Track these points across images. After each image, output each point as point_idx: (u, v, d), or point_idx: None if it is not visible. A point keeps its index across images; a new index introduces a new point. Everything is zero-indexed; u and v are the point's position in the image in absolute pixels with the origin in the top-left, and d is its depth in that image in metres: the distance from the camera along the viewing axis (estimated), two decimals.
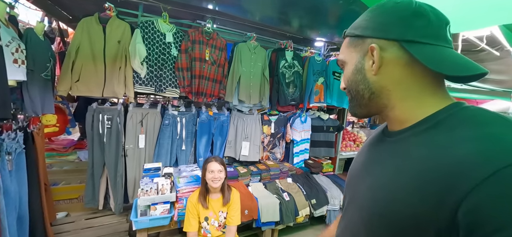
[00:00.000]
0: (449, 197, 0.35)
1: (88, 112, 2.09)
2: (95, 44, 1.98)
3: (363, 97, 0.51)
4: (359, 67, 0.51)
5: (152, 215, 1.76)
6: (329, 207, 2.65)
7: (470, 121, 0.40)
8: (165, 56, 2.21)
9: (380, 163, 0.51)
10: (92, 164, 2.16)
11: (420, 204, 0.38)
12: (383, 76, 0.48)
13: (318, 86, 3.01)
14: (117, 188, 2.19)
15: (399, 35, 0.45)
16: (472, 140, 0.37)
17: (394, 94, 0.48)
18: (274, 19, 2.43)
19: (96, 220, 2.24)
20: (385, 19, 0.47)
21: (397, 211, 0.42)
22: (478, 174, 0.33)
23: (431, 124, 0.44)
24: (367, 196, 0.50)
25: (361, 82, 0.51)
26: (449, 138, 0.40)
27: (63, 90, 1.95)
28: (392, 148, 0.50)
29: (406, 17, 0.45)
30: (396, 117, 0.49)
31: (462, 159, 0.35)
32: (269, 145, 2.93)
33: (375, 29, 0.48)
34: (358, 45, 0.51)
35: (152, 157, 2.33)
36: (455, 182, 0.35)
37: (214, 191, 1.70)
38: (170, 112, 2.34)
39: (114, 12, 2.02)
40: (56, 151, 2.84)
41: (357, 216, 0.52)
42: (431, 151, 0.40)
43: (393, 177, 0.45)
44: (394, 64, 0.46)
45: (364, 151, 0.61)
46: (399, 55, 0.46)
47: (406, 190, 0.41)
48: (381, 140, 0.55)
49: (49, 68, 1.87)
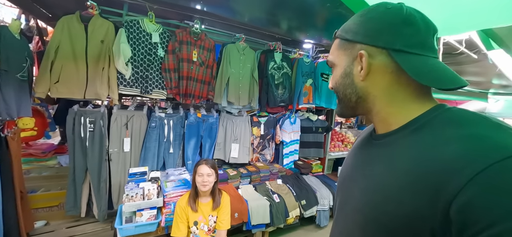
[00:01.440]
0: (440, 195, 0.35)
1: (69, 115, 1.98)
2: (76, 44, 1.89)
3: (350, 100, 0.53)
4: (347, 71, 0.51)
5: (138, 221, 1.70)
6: (319, 207, 2.68)
7: (455, 121, 0.41)
8: (151, 57, 2.15)
9: (371, 166, 0.51)
10: (73, 169, 2.05)
11: (412, 203, 0.39)
12: (370, 82, 0.49)
13: (307, 87, 3.04)
14: (101, 194, 2.09)
15: (388, 43, 0.46)
16: (458, 140, 0.38)
17: (380, 99, 0.49)
18: (262, 20, 2.43)
19: (78, 228, 2.13)
20: (375, 25, 0.47)
21: (392, 212, 0.42)
22: (467, 172, 0.34)
23: (416, 126, 0.45)
24: (362, 199, 0.50)
25: (349, 86, 0.52)
26: (435, 139, 0.40)
27: (41, 92, 1.84)
28: (381, 150, 0.50)
29: (396, 25, 0.45)
30: (382, 120, 0.51)
31: (450, 158, 0.36)
32: (259, 147, 2.92)
33: (365, 35, 0.48)
34: (348, 49, 0.51)
35: (138, 161, 2.25)
36: (445, 181, 0.35)
37: (204, 194, 1.67)
38: (157, 114, 2.28)
39: (97, 11, 1.94)
40: (34, 156, 2.67)
41: (351, 220, 0.52)
42: (419, 152, 0.41)
43: (384, 178, 0.45)
44: (382, 72, 0.47)
45: (353, 154, 0.61)
46: (387, 63, 0.46)
47: (398, 190, 0.42)
48: (369, 142, 0.56)
49: (26, 68, 1.76)
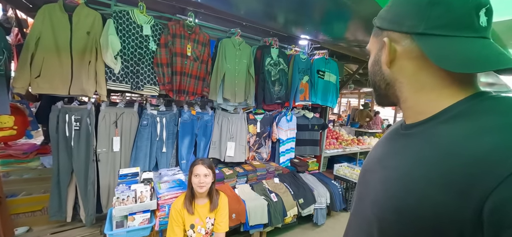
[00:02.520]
0: (474, 192, 0.32)
1: (52, 112, 1.84)
2: (59, 35, 1.75)
3: (380, 87, 0.52)
4: (377, 59, 0.51)
5: (130, 226, 1.59)
6: (316, 205, 2.64)
7: (495, 109, 0.37)
8: (143, 50, 2.03)
9: (395, 156, 0.47)
10: (57, 171, 1.91)
11: (439, 198, 0.35)
12: (396, 68, 0.47)
13: (303, 84, 2.99)
14: (88, 197, 1.96)
15: (411, 28, 0.43)
16: (497, 130, 0.34)
17: (407, 86, 0.46)
18: (259, 13, 2.35)
19: (64, 234, 2.00)
20: (402, 9, 0.45)
21: (417, 206, 0.38)
22: (505, 168, 0.30)
23: (450, 115, 0.41)
24: (382, 191, 0.45)
25: (378, 74, 0.51)
26: (471, 129, 0.36)
27: (20, 87, 1.69)
28: (409, 140, 0.46)
29: (422, 7, 0.41)
30: (411, 109, 0.47)
31: (487, 150, 0.33)
32: (255, 145, 2.85)
33: (391, 21, 0.47)
34: (378, 36, 0.50)
35: (129, 161, 2.13)
36: (479, 175, 0.32)
37: (200, 196, 1.58)
38: (149, 111, 2.16)
39: (82, 0, 1.80)
40: (14, 157, 2.49)
41: (369, 211, 0.48)
42: (451, 142, 0.37)
43: (410, 169, 0.41)
44: (407, 57, 0.45)
45: (378, 146, 0.57)
46: (411, 48, 0.44)
47: (426, 181, 0.38)
48: (397, 133, 0.52)
49: (2, 61, 1.60)
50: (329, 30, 2.58)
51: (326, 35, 2.79)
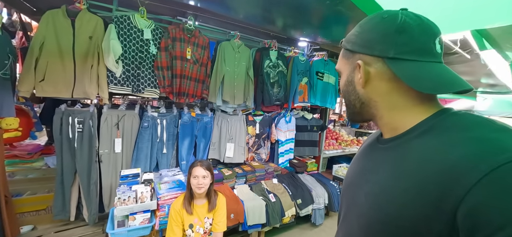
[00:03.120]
0: (447, 200, 0.35)
1: (56, 114, 1.89)
2: (62, 40, 1.80)
3: (355, 106, 0.54)
4: (350, 79, 0.54)
5: (131, 225, 1.64)
6: (315, 206, 2.67)
7: (460, 125, 0.41)
8: (143, 54, 2.08)
9: (377, 170, 0.51)
10: (61, 171, 1.97)
11: (417, 206, 0.39)
12: (370, 89, 0.50)
13: (302, 86, 3.02)
14: (91, 197, 2.02)
15: (382, 52, 0.47)
16: (464, 143, 0.38)
17: (382, 105, 0.50)
18: (258, 17, 2.38)
19: (67, 233, 2.05)
20: (371, 35, 0.49)
21: (397, 216, 0.41)
22: (473, 176, 0.33)
23: (421, 130, 0.45)
24: (365, 204, 0.49)
25: (352, 93, 0.54)
26: (441, 142, 0.40)
27: (25, 91, 1.75)
28: (387, 154, 0.50)
29: (390, 34, 0.46)
30: (387, 125, 0.51)
31: (456, 160, 0.36)
32: (254, 146, 2.89)
33: (362, 45, 0.50)
34: (349, 58, 0.54)
35: (130, 162, 2.18)
36: (451, 183, 0.35)
37: (199, 196, 1.62)
38: (150, 113, 2.21)
39: (85, 5, 1.85)
40: (20, 157, 2.55)
41: (356, 225, 0.52)
42: (424, 155, 0.41)
43: (392, 182, 0.45)
44: (380, 79, 0.48)
45: (358, 159, 0.61)
46: (384, 70, 0.47)
47: (406, 193, 0.41)
48: (375, 147, 0.56)
49: (8, 65, 1.66)
50: (328, 33, 2.61)
51: (325, 38, 2.81)
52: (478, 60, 2.30)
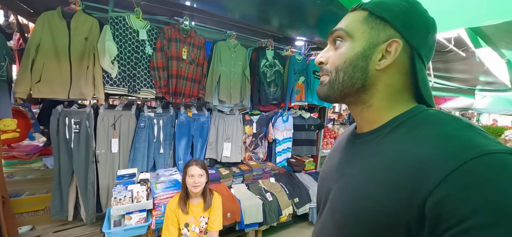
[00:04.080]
0: (417, 193, 0.36)
1: (53, 115, 1.90)
2: (58, 41, 1.81)
3: (353, 86, 0.47)
4: (366, 54, 0.45)
5: (127, 225, 1.65)
6: (312, 204, 2.68)
7: (430, 121, 0.42)
8: (139, 55, 2.08)
9: (351, 164, 0.51)
10: (58, 172, 1.98)
11: (390, 200, 0.39)
12: (383, 75, 0.46)
13: (299, 85, 3.03)
14: (88, 197, 2.03)
15: (418, 45, 0.44)
16: (433, 139, 0.39)
17: (379, 94, 0.47)
18: (254, 17, 2.39)
19: (66, 232, 2.06)
20: (417, 21, 0.44)
21: (370, 210, 0.42)
22: (442, 170, 0.34)
23: (395, 125, 0.45)
24: (340, 198, 0.50)
25: (360, 70, 0.45)
26: (412, 137, 0.41)
27: (21, 92, 1.76)
28: (362, 149, 0.50)
29: (427, 30, 0.44)
30: (368, 117, 0.50)
31: (426, 156, 0.37)
32: (251, 145, 2.90)
33: (404, 24, 0.43)
34: (376, 29, 0.45)
35: (127, 162, 2.19)
36: (421, 179, 0.36)
37: (194, 195, 1.63)
38: (146, 114, 2.22)
39: (80, 6, 1.86)
40: (18, 158, 2.57)
41: (330, 219, 0.52)
42: (396, 150, 0.42)
43: (365, 177, 0.45)
44: (397, 69, 0.45)
45: (334, 154, 0.61)
46: (406, 63, 0.45)
47: (376, 186, 0.42)
48: (351, 141, 0.56)
49: (4, 67, 1.67)
50: (324, 32, 2.61)
51: (321, 37, 2.81)
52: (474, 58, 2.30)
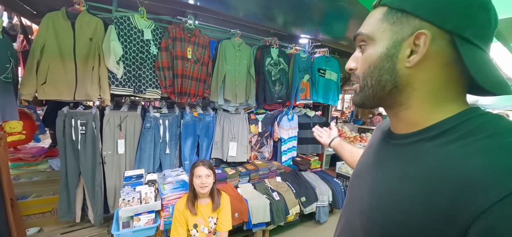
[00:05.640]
0: (460, 213, 0.31)
1: (59, 117, 1.89)
2: (63, 42, 1.79)
3: (383, 89, 0.42)
4: (391, 53, 0.40)
5: (136, 226, 1.64)
6: (318, 203, 2.67)
7: (485, 129, 0.35)
8: (144, 55, 2.07)
9: (383, 167, 0.46)
10: (65, 173, 1.98)
11: (427, 218, 0.35)
12: (417, 71, 0.39)
13: (304, 83, 3.00)
14: (96, 198, 2.02)
15: (458, 28, 0.36)
16: (487, 151, 0.33)
17: (418, 93, 0.41)
18: (258, 15, 2.36)
19: (74, 234, 2.06)
20: (446, 1, 0.37)
21: (401, 222, 0.38)
22: (496, 192, 0.29)
23: (441, 130, 0.39)
24: (369, 202, 0.46)
25: (387, 72, 0.41)
26: (462, 148, 0.35)
27: (27, 94, 1.75)
28: (397, 152, 0.45)
29: (473, 6, 0.36)
30: (408, 119, 0.43)
31: (477, 172, 0.31)
32: (257, 145, 2.88)
33: (432, 10, 0.37)
34: (398, 23, 0.40)
35: (134, 163, 2.18)
36: (468, 198, 0.31)
37: (202, 196, 1.62)
38: (152, 114, 2.20)
39: (84, 7, 1.84)
40: (24, 160, 2.57)
41: (357, 220, 0.49)
42: (441, 161, 0.36)
43: (398, 184, 0.41)
44: (436, 61, 0.38)
45: (368, 151, 0.57)
46: (446, 52, 0.37)
47: (413, 200, 0.37)
48: (385, 141, 0.50)
49: (9, 69, 1.66)
50: (329, 30, 2.58)
51: (326, 34, 2.78)
52: None
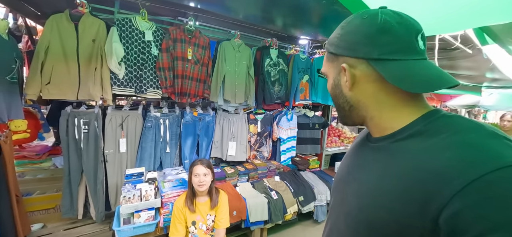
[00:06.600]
0: (431, 203, 0.35)
1: (62, 116, 1.95)
2: (66, 43, 1.84)
3: (344, 109, 0.54)
4: (336, 82, 0.53)
5: (136, 223, 1.69)
6: (317, 203, 2.70)
7: (449, 128, 0.41)
8: (145, 56, 2.11)
9: (365, 168, 0.52)
10: (68, 171, 2.03)
11: (403, 210, 0.39)
12: (357, 91, 0.50)
13: (303, 83, 3.03)
14: (98, 195, 2.08)
15: (366, 54, 0.46)
16: (451, 147, 0.37)
17: (371, 106, 0.50)
18: (258, 16, 2.40)
19: (76, 230, 2.12)
20: (353, 37, 0.48)
21: (383, 218, 0.42)
22: (459, 181, 0.33)
23: (410, 132, 0.45)
24: (353, 202, 0.50)
25: (340, 96, 0.53)
26: (429, 145, 0.40)
27: (32, 94, 1.80)
28: (376, 154, 0.51)
29: (372, 35, 0.45)
30: (376, 126, 0.51)
31: (443, 166, 0.36)
32: (256, 144, 2.92)
33: (345, 48, 0.49)
34: (334, 61, 0.53)
35: (135, 162, 2.23)
36: (436, 189, 0.35)
37: (201, 194, 1.66)
38: (153, 114, 2.25)
39: (87, 9, 1.89)
40: (28, 158, 2.63)
41: (342, 221, 0.53)
42: (412, 158, 0.41)
43: (377, 183, 0.46)
44: (366, 80, 0.48)
45: (349, 155, 0.62)
46: (369, 72, 0.47)
47: (390, 196, 0.42)
48: (364, 144, 0.56)
49: (15, 69, 1.71)
50: (328, 31, 2.61)
51: (325, 36, 2.81)
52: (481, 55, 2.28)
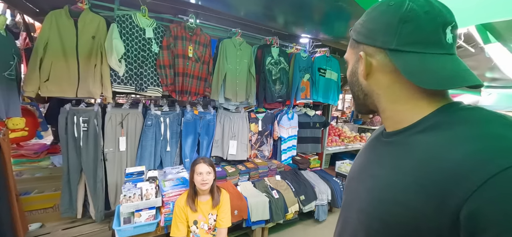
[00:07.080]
0: (450, 199, 0.34)
1: (61, 114, 1.92)
2: (66, 40, 1.81)
3: (359, 97, 0.54)
4: (354, 70, 0.53)
5: (137, 222, 1.67)
6: (318, 202, 2.69)
7: (468, 120, 0.39)
8: (146, 53, 2.09)
9: (379, 164, 0.50)
10: (67, 170, 2.00)
11: (421, 207, 0.37)
12: (372, 81, 0.50)
13: (304, 82, 3.02)
14: (97, 194, 2.05)
15: (384, 44, 0.45)
16: (471, 140, 0.36)
17: (384, 97, 0.49)
18: (259, 14, 2.38)
19: (75, 230, 2.09)
20: (374, 25, 0.47)
21: (398, 214, 0.41)
22: (479, 176, 0.32)
23: (427, 125, 0.43)
24: (367, 199, 0.49)
25: (356, 84, 0.53)
26: (447, 139, 0.38)
27: (30, 91, 1.77)
28: (390, 148, 0.49)
29: (393, 24, 0.43)
30: (390, 119, 0.50)
31: (462, 160, 0.34)
32: (257, 143, 2.90)
33: (365, 36, 0.49)
34: (354, 48, 0.52)
35: (135, 160, 2.21)
36: (456, 184, 0.33)
37: (202, 193, 1.64)
38: (153, 112, 2.23)
39: (87, 5, 1.86)
40: (26, 157, 2.59)
41: (355, 219, 0.51)
42: (429, 153, 0.39)
43: (393, 179, 0.44)
44: (382, 71, 0.47)
45: (362, 153, 0.60)
46: (385, 63, 0.46)
47: (407, 192, 0.40)
48: (379, 141, 0.55)
49: (13, 66, 1.68)
50: (329, 30, 2.60)
51: (327, 34, 2.80)
52: (483, 54, 2.28)
